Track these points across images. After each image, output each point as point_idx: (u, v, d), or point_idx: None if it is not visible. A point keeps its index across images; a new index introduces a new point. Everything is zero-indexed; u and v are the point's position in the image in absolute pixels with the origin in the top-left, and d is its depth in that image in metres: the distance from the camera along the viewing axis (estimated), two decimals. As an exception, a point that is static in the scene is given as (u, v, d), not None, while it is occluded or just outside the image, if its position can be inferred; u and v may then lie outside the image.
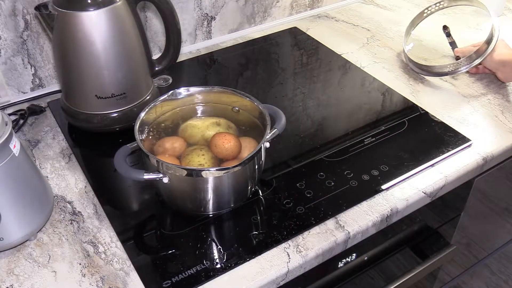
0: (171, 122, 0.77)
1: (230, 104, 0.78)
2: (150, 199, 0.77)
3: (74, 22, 0.76)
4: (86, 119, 0.84)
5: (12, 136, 0.64)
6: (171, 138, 0.74)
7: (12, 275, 0.65)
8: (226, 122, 0.76)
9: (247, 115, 0.77)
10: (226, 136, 0.71)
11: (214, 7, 1.11)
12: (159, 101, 0.75)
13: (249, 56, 1.12)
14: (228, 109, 0.78)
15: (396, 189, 0.77)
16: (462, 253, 1.19)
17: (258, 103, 0.74)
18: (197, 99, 0.79)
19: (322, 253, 0.69)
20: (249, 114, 0.77)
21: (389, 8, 1.31)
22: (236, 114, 0.77)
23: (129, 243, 0.69)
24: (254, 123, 0.76)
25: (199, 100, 0.79)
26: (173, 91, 0.76)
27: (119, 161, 0.66)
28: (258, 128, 0.74)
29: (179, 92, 0.77)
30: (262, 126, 0.72)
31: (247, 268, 0.65)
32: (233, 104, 0.78)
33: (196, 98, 0.79)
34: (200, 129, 0.75)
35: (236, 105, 0.77)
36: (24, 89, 0.97)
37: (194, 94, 0.78)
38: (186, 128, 0.76)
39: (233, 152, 0.70)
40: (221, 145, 0.70)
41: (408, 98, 0.96)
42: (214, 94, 0.78)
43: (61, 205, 0.75)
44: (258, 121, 0.75)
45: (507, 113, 0.93)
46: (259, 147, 0.68)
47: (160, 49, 1.08)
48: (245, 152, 0.71)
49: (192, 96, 0.78)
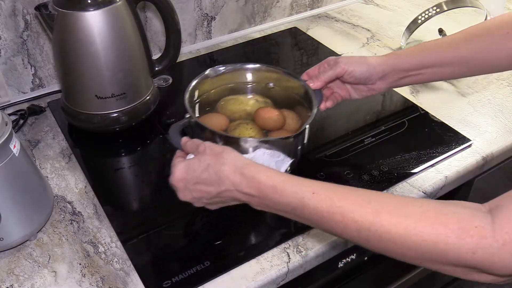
0: (210, 101, 0.78)
1: (265, 81, 0.80)
2: (150, 199, 0.77)
3: (74, 22, 0.76)
4: (86, 119, 0.84)
5: (12, 136, 0.64)
6: (214, 115, 0.76)
7: (12, 275, 0.65)
8: (263, 98, 0.79)
9: (280, 91, 0.79)
10: (271, 109, 0.75)
11: (214, 7, 1.11)
12: (200, 78, 0.75)
13: (249, 56, 1.12)
14: (262, 85, 0.80)
15: (396, 189, 0.77)
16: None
17: (300, 80, 0.76)
18: (232, 77, 0.80)
19: (322, 253, 0.69)
20: (283, 90, 0.79)
21: (389, 8, 1.31)
22: (270, 90, 0.80)
23: (129, 243, 0.69)
24: (289, 98, 0.78)
25: (235, 78, 0.80)
26: (211, 69, 0.77)
27: (175, 137, 0.66)
28: (293, 102, 0.77)
29: (217, 70, 0.78)
30: (304, 100, 0.75)
31: (247, 268, 0.65)
32: (267, 81, 0.80)
33: (232, 76, 0.80)
34: (241, 105, 0.77)
35: (271, 82, 0.80)
36: (24, 89, 0.97)
37: (230, 72, 0.79)
38: (226, 105, 0.78)
39: (280, 123, 0.74)
40: (267, 118, 0.73)
41: (408, 98, 0.96)
42: (248, 71, 0.80)
43: (61, 205, 0.75)
44: (296, 96, 0.77)
45: (507, 113, 0.93)
46: (313, 114, 0.69)
47: (160, 49, 1.08)
48: (290, 125, 0.74)
49: (227, 74, 0.79)
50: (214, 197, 0.60)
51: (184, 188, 0.60)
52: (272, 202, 0.55)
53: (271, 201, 0.55)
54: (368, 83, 0.75)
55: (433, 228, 0.45)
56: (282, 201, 0.54)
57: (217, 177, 0.58)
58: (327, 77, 0.73)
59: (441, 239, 0.45)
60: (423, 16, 1.08)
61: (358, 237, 0.50)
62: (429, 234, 0.45)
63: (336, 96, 0.78)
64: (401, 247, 0.47)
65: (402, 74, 0.73)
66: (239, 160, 0.58)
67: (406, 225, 0.46)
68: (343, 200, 0.50)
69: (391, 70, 0.73)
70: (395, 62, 0.73)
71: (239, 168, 0.57)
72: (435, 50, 0.72)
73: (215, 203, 0.61)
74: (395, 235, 0.47)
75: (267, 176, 0.55)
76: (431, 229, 0.45)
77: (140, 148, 0.87)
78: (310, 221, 0.54)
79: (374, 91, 0.76)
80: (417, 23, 1.09)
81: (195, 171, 0.59)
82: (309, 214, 0.52)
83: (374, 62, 0.73)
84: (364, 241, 0.50)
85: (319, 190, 0.52)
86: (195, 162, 0.60)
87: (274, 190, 0.54)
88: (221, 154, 0.58)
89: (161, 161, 0.85)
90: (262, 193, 0.55)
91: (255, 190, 0.56)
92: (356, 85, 0.76)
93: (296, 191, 0.53)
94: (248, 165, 0.57)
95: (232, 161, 0.57)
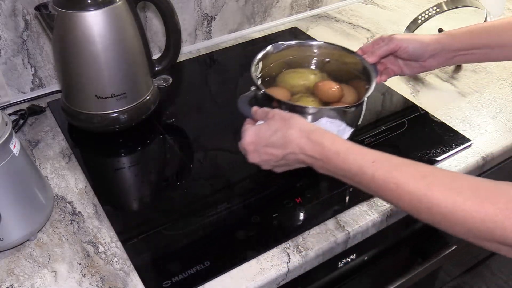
0: (271, 75, 0.84)
1: (322, 57, 0.86)
2: (150, 199, 0.77)
3: (74, 22, 0.76)
4: (86, 119, 0.84)
5: (12, 136, 0.64)
6: (276, 88, 0.80)
7: (12, 275, 0.65)
8: (321, 73, 0.85)
9: (336, 66, 0.84)
10: (330, 82, 0.80)
11: (214, 7, 1.11)
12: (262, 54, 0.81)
13: (249, 56, 1.11)
14: (320, 61, 0.86)
15: (396, 189, 0.76)
16: (462, 253, 1.19)
17: (357, 55, 0.81)
18: (291, 53, 0.85)
19: (322, 253, 0.69)
20: (339, 65, 0.84)
21: (389, 8, 1.31)
22: (327, 65, 0.85)
23: (129, 243, 0.69)
24: (345, 72, 0.83)
25: (294, 54, 0.85)
26: (272, 45, 0.82)
27: (244, 107, 0.72)
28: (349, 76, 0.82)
29: (278, 46, 0.83)
30: (361, 74, 0.80)
31: (247, 268, 0.65)
32: (324, 56, 0.85)
33: (291, 52, 0.85)
34: (300, 79, 0.82)
35: (328, 57, 0.85)
36: (24, 89, 0.97)
37: (290, 48, 0.84)
38: (286, 79, 0.83)
39: (338, 95, 0.79)
40: (327, 90, 0.79)
41: (408, 98, 0.96)
42: (307, 47, 0.86)
43: (61, 205, 0.75)
44: (352, 71, 0.82)
45: (507, 113, 0.93)
46: (373, 87, 0.74)
47: (160, 49, 1.08)
48: (347, 97, 0.79)
49: (287, 51, 0.84)
50: (280, 160, 0.64)
51: (254, 151, 0.65)
52: (334, 167, 0.59)
53: (333, 165, 0.59)
54: (420, 60, 0.78)
55: (482, 206, 0.47)
56: (343, 167, 0.58)
57: (284, 140, 0.62)
58: (382, 52, 0.78)
59: (489, 217, 0.47)
60: (423, 16, 1.08)
61: (410, 208, 0.53)
62: (478, 211, 0.47)
63: (389, 72, 0.82)
64: (450, 221, 0.50)
65: (452, 53, 0.77)
66: (306, 125, 0.62)
67: (455, 200, 0.49)
68: (399, 172, 0.54)
69: (442, 49, 0.77)
70: (447, 42, 0.77)
71: (305, 133, 0.61)
72: (487, 32, 0.76)
73: (281, 165, 0.66)
74: (444, 209, 0.49)
75: (331, 142, 0.59)
76: (480, 207, 0.47)
77: (140, 148, 0.87)
78: (368, 189, 0.57)
79: (424, 68, 0.80)
80: (417, 23, 1.09)
81: (264, 135, 0.64)
82: (367, 182, 0.56)
83: (427, 40, 0.77)
84: (416, 212, 0.53)
85: (378, 160, 0.56)
86: (264, 127, 0.65)
87: (337, 156, 0.58)
88: (289, 120, 0.63)
89: (161, 161, 0.85)
90: (325, 157, 0.59)
91: (319, 154, 0.60)
92: (408, 62, 0.80)
93: (356, 158, 0.57)
94: (314, 130, 0.61)
95: (299, 126, 0.62)
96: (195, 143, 0.88)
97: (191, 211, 0.73)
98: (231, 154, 0.85)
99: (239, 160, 0.83)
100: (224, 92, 1.00)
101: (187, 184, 0.78)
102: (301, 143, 0.61)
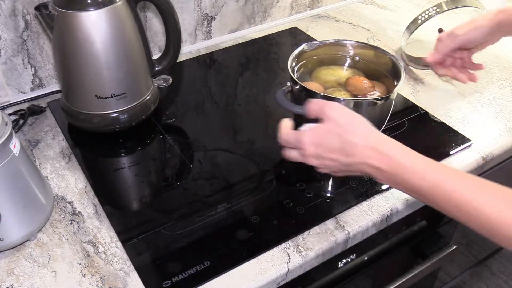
0: (305, 71, 0.89)
1: (353, 55, 0.90)
2: (150, 199, 0.77)
3: (74, 22, 0.76)
4: (86, 119, 0.84)
5: (12, 136, 0.64)
6: (310, 83, 0.85)
7: (12, 275, 0.65)
8: (352, 69, 0.90)
9: (366, 64, 0.89)
10: (362, 77, 0.86)
11: (214, 7, 1.11)
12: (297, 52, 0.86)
13: (249, 56, 1.12)
14: (351, 59, 0.90)
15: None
16: (462, 253, 1.19)
17: (386, 53, 0.86)
18: (325, 51, 0.90)
19: (322, 253, 0.69)
20: (369, 63, 0.89)
21: (389, 8, 1.31)
22: (357, 63, 0.90)
23: (129, 243, 0.69)
24: (374, 70, 0.88)
25: (327, 52, 0.90)
26: (306, 44, 0.87)
27: (282, 100, 0.74)
28: (378, 74, 0.87)
29: (312, 44, 0.88)
30: (391, 74, 0.84)
31: (247, 268, 0.65)
32: (355, 55, 0.90)
33: (324, 50, 0.90)
34: (333, 75, 0.88)
35: (358, 56, 0.90)
36: (24, 89, 0.97)
37: (323, 46, 0.90)
38: (320, 75, 0.88)
39: (370, 90, 0.83)
40: (358, 84, 0.84)
41: (408, 98, 0.96)
42: (339, 46, 0.90)
43: (61, 205, 0.75)
44: (381, 69, 0.87)
45: (507, 113, 0.93)
46: (401, 83, 0.79)
47: (160, 49, 1.08)
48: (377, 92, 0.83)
49: (320, 49, 0.89)
50: (341, 166, 0.62)
51: (316, 155, 0.62)
52: (402, 180, 0.58)
53: (401, 179, 0.58)
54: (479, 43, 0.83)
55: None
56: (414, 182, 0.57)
57: (350, 149, 0.60)
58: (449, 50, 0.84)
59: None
60: (423, 16, 1.08)
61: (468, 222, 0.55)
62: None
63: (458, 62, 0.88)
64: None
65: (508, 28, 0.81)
66: (372, 133, 0.60)
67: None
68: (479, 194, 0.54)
69: (498, 27, 0.80)
70: (501, 19, 0.80)
71: (373, 143, 0.59)
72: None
73: (341, 171, 0.64)
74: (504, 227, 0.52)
75: (402, 155, 0.58)
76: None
77: (140, 148, 0.87)
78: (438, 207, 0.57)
79: (484, 46, 0.86)
80: (417, 23, 1.09)
81: (326, 139, 0.61)
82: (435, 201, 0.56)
83: (482, 24, 0.81)
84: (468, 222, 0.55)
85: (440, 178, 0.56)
86: (323, 128, 0.62)
87: (405, 171, 0.57)
88: (352, 124, 0.61)
89: (161, 161, 0.85)
90: (393, 170, 0.58)
91: (385, 165, 0.58)
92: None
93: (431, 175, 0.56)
94: (382, 142, 0.59)
95: (365, 134, 0.60)
96: (195, 143, 0.88)
97: (191, 211, 0.73)
98: (231, 154, 0.85)
99: (239, 160, 0.84)
100: (224, 92, 1.00)
101: (187, 184, 0.78)
102: (367, 153, 0.59)
